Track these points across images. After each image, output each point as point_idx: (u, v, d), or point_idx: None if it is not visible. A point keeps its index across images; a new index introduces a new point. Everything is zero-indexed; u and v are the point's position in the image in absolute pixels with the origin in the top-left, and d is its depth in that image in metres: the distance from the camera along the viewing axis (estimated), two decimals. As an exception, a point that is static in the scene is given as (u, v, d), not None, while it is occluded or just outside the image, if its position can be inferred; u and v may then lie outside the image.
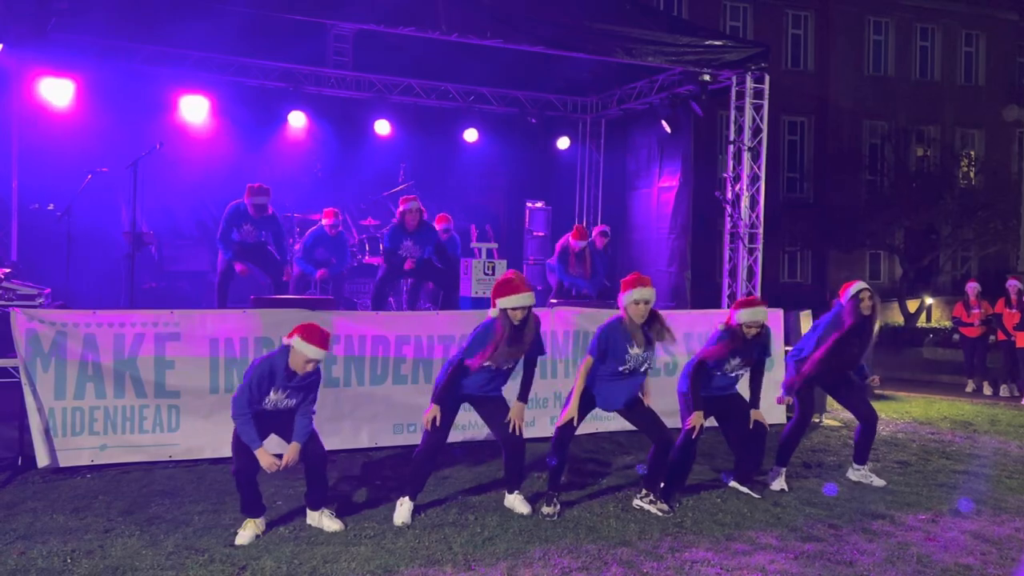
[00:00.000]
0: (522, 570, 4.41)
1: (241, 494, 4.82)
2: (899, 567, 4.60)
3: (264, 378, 4.75)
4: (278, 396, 4.81)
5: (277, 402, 4.83)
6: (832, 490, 6.04)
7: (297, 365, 4.73)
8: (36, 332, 5.97)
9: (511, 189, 12.96)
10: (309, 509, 5.06)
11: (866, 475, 6.35)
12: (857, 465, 6.41)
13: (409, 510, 5.16)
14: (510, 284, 5.17)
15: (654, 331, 5.33)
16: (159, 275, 9.88)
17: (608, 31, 9.04)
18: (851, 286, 6.14)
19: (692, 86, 10.52)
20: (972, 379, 11.84)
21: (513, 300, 5.09)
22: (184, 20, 8.88)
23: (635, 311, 5.28)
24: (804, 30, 23.20)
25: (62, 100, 9.64)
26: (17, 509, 5.22)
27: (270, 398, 4.80)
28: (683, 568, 4.48)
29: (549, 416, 7.45)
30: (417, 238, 8.60)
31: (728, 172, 10.52)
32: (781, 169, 21.94)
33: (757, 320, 5.66)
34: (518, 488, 5.47)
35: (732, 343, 5.67)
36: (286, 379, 4.77)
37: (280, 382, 4.77)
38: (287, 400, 4.85)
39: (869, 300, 6.07)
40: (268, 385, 4.76)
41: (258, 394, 4.76)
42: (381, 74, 11.64)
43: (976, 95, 24.70)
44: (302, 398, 4.89)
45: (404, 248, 8.57)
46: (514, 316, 5.10)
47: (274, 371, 4.75)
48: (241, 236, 8.33)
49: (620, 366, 5.33)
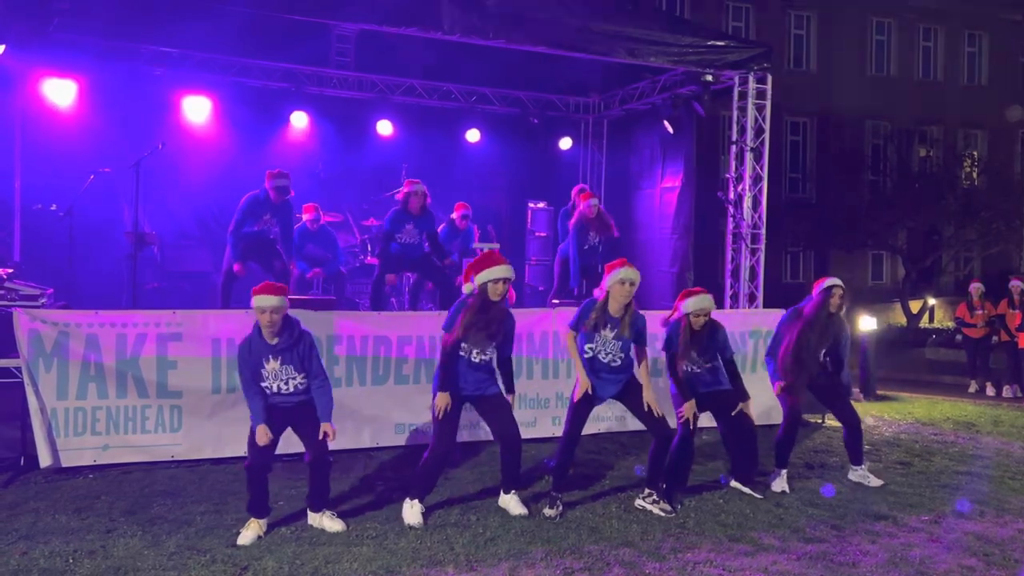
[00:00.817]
0: (524, 571, 4.41)
1: (250, 492, 4.84)
2: (902, 568, 4.59)
3: (247, 352, 4.87)
4: (274, 365, 4.86)
5: (278, 373, 4.87)
6: (829, 491, 6.02)
7: (263, 322, 4.80)
8: (38, 332, 5.98)
9: (513, 189, 12.95)
10: (310, 511, 5.06)
11: (864, 475, 6.34)
12: (854, 466, 6.41)
13: (420, 511, 5.17)
14: (490, 258, 5.22)
15: (624, 318, 5.34)
16: (161, 275, 9.88)
17: (610, 31, 9.03)
18: (825, 280, 6.16)
19: (694, 86, 10.51)
20: (975, 380, 11.82)
21: (492, 272, 5.09)
22: (186, 20, 8.89)
23: (619, 291, 5.31)
24: (806, 30, 23.18)
25: (65, 100, 9.64)
26: (19, 509, 5.23)
27: (268, 369, 4.86)
28: (685, 569, 4.48)
29: (551, 416, 7.45)
30: (419, 222, 8.46)
31: (731, 172, 10.51)
32: (783, 169, 21.91)
33: (703, 308, 5.67)
34: (514, 488, 5.43)
35: (684, 334, 5.68)
36: (267, 344, 4.84)
37: (264, 349, 4.85)
38: (286, 369, 4.87)
39: (839, 299, 6.06)
40: (257, 357, 4.85)
41: (253, 368, 4.85)
42: (383, 74, 11.65)
43: (979, 95, 24.66)
44: (300, 364, 4.90)
45: (405, 232, 8.41)
46: (494, 290, 5.10)
47: (251, 341, 4.87)
48: (260, 227, 8.25)
49: (587, 343, 5.39)
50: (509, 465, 5.37)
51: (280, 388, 4.91)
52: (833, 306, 6.06)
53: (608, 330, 5.37)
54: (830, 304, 6.05)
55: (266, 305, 4.78)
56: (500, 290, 5.11)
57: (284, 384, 4.91)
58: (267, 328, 4.82)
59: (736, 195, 10.39)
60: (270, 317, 4.79)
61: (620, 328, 5.37)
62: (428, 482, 5.29)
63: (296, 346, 4.90)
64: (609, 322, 5.37)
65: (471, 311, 5.09)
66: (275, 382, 4.90)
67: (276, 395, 4.92)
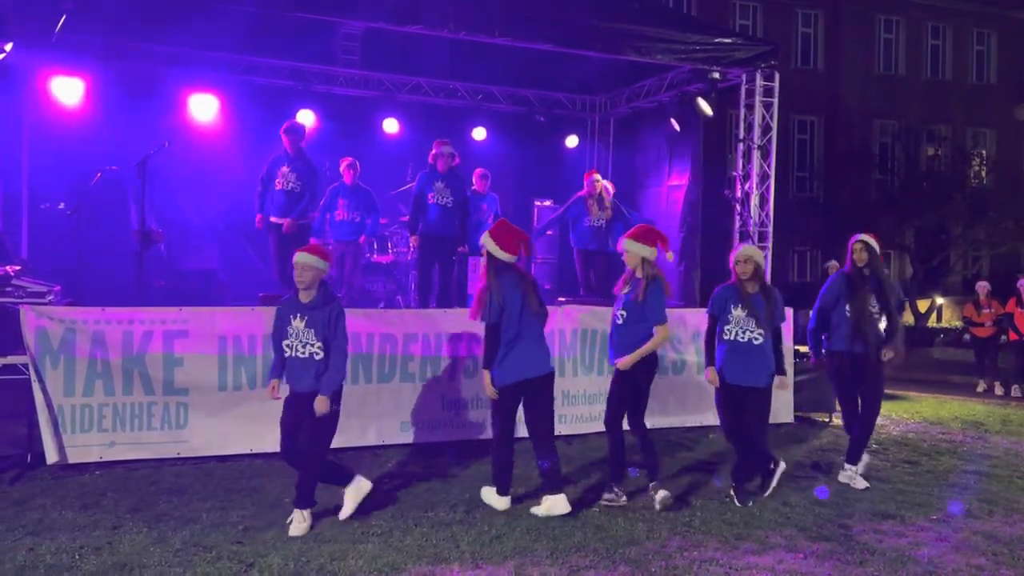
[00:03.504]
0: (530, 569, 4.39)
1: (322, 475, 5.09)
2: (910, 567, 4.56)
3: (282, 308, 5.11)
4: (298, 324, 4.98)
5: (299, 334, 4.96)
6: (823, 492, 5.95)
7: (295, 278, 4.99)
8: (45, 329, 5.99)
9: (519, 188, 12.91)
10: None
11: (851, 476, 6.18)
12: (847, 464, 6.27)
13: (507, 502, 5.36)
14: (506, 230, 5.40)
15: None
16: (168, 273, 9.88)
17: (617, 29, 9.01)
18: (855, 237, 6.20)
19: (701, 84, 10.46)
20: (983, 379, 11.76)
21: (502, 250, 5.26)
22: (193, 19, 8.89)
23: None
24: (814, 29, 23.11)
25: (72, 99, 9.65)
26: (26, 505, 5.24)
27: (292, 327, 4.99)
28: (691, 567, 4.46)
29: (558, 415, 7.40)
30: (448, 181, 8.71)
31: (738, 170, 10.47)
32: (791, 168, 21.85)
33: (748, 255, 5.66)
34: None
35: (732, 288, 5.70)
36: (299, 302, 5.02)
37: (295, 307, 5.02)
38: (307, 332, 4.95)
39: (860, 252, 6.07)
40: (286, 313, 5.05)
41: (281, 326, 5.06)
42: (390, 72, 11.62)
43: (987, 94, 24.56)
44: (321, 331, 4.97)
45: (436, 190, 8.64)
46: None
47: (290, 298, 5.12)
48: (283, 184, 8.35)
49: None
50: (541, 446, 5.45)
51: (297, 351, 4.97)
52: (859, 260, 6.06)
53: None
54: (855, 259, 6.08)
55: (299, 261, 4.98)
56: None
57: (301, 348, 4.96)
58: (300, 287, 4.99)
59: (743, 193, 10.36)
60: (300, 274, 4.96)
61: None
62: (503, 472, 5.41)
63: (323, 309, 5.00)
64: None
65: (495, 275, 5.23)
66: (295, 342, 4.98)
67: (292, 359, 4.99)
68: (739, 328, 5.60)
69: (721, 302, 5.72)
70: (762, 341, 5.58)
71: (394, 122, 11.68)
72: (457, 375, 7.20)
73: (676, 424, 7.97)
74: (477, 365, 6.95)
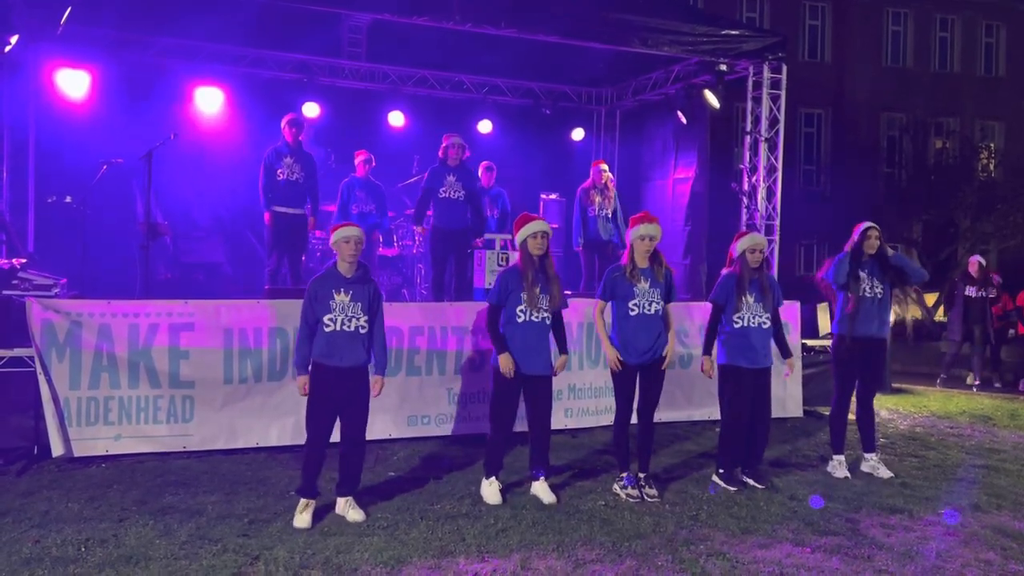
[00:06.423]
0: (536, 562, 4.38)
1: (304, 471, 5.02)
2: (918, 561, 4.53)
3: (318, 286, 4.98)
4: (344, 298, 4.95)
5: (345, 307, 4.94)
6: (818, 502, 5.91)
7: (345, 253, 4.95)
8: (51, 322, 5.99)
9: (525, 180, 12.87)
10: (338, 497, 5.11)
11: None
12: (867, 454, 6.39)
13: (497, 488, 5.39)
14: (525, 216, 5.46)
15: (655, 269, 5.54)
16: (174, 266, 9.89)
17: (624, 20, 8.97)
18: (862, 225, 6.19)
19: (708, 76, 10.42)
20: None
21: (531, 227, 5.31)
22: (199, 12, 8.88)
23: (640, 247, 5.49)
24: (821, 21, 22.98)
25: (78, 92, 9.66)
26: (33, 498, 5.24)
27: (336, 301, 4.94)
28: (698, 561, 4.44)
29: (563, 408, 7.41)
30: (459, 174, 8.63)
31: (744, 163, 10.44)
32: (798, 161, 21.74)
33: (757, 244, 5.79)
34: (544, 475, 5.50)
35: (741, 275, 5.73)
36: (342, 276, 4.99)
37: (338, 281, 4.98)
38: (354, 305, 4.96)
39: (875, 240, 6.07)
40: (328, 289, 4.96)
41: (319, 309, 4.94)
42: (395, 65, 11.60)
43: (996, 86, 24.40)
44: (367, 305, 5.01)
45: (447, 185, 8.54)
46: (533, 246, 5.31)
47: (325, 275, 5.04)
48: (286, 174, 8.35)
49: (630, 300, 5.49)
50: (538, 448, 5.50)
51: (343, 325, 4.95)
52: (871, 247, 6.07)
53: (644, 281, 5.51)
54: (866, 247, 6.08)
55: (351, 235, 4.97)
56: (539, 246, 5.32)
57: (347, 321, 4.95)
58: (347, 260, 4.96)
59: (750, 186, 10.32)
60: (354, 247, 4.96)
61: (655, 275, 5.53)
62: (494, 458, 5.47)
63: (367, 284, 5.05)
64: (643, 274, 5.52)
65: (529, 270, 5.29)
66: (340, 315, 4.95)
67: (336, 334, 4.94)
68: (751, 314, 5.75)
69: (728, 290, 5.78)
70: (769, 325, 5.82)
71: (400, 115, 11.67)
72: (463, 369, 7.18)
73: (683, 418, 7.95)
74: (483, 359, 6.94)
